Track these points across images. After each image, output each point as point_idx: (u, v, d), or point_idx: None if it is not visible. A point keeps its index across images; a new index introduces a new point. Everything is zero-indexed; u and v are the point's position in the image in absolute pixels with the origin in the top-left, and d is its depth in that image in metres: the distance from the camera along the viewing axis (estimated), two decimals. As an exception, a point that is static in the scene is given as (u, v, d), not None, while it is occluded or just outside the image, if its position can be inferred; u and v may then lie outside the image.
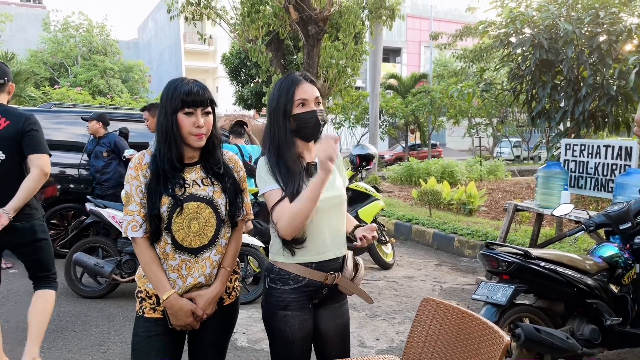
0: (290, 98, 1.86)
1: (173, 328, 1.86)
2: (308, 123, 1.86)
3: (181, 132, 1.79)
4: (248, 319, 4.23)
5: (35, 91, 17.40)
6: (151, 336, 1.84)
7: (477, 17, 11.15)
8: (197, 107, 1.79)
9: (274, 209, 1.81)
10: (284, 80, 1.92)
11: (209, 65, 35.54)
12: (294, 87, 1.87)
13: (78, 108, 7.99)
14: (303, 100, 1.86)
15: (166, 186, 1.79)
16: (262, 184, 1.87)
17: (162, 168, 1.80)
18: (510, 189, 11.58)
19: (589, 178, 4.76)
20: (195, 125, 1.78)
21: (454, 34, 12.55)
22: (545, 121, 6.19)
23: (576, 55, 5.55)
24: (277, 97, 1.89)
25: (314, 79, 1.94)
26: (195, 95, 1.78)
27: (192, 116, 1.79)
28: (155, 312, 1.86)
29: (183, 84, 1.80)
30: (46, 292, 3.14)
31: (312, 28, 8.01)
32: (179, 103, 1.77)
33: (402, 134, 22.69)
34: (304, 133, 1.88)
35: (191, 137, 1.80)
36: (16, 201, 2.86)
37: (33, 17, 36.04)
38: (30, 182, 2.90)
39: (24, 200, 2.90)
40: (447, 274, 5.79)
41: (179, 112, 1.78)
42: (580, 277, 3.05)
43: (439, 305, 1.99)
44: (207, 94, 1.82)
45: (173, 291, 1.81)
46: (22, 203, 2.90)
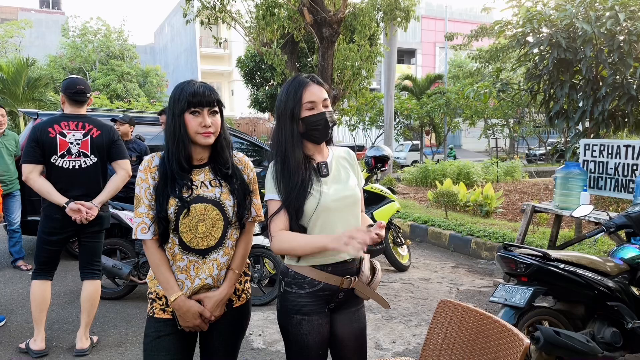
0: (298, 101, 1.83)
1: (182, 329, 1.87)
2: (317, 125, 1.84)
3: (188, 132, 1.80)
4: (264, 320, 4.24)
5: (55, 96, 17.72)
6: (161, 336, 1.86)
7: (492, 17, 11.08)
8: (203, 107, 1.80)
9: (270, 223, 1.84)
10: (291, 83, 1.89)
11: (225, 68, 35.79)
12: (301, 89, 1.84)
13: (97, 112, 8.12)
14: (311, 103, 1.84)
15: (173, 188, 1.80)
16: (268, 191, 1.88)
17: (169, 170, 1.82)
18: (527, 191, 11.44)
19: (608, 179, 4.68)
20: (202, 124, 1.79)
21: (469, 34, 12.46)
22: (563, 121, 6.11)
23: (595, 55, 5.47)
24: (284, 101, 1.87)
25: (321, 81, 1.92)
26: (201, 96, 1.79)
27: (199, 116, 1.80)
28: (164, 313, 1.88)
29: (189, 86, 1.82)
30: (95, 282, 3.63)
31: (327, 30, 8.01)
32: (185, 104, 1.79)
33: (417, 135, 22.58)
34: (314, 136, 1.87)
35: (198, 136, 1.80)
36: (104, 196, 3.48)
37: (52, 23, 36.68)
38: (117, 181, 3.53)
39: (110, 196, 3.52)
40: (463, 276, 5.74)
41: (186, 112, 1.79)
42: (601, 280, 3.00)
43: (457, 307, 1.97)
44: (213, 94, 1.83)
45: (181, 293, 1.82)
46: (109, 197, 3.52)
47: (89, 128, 3.45)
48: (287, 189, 1.82)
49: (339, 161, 1.97)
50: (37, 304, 3.47)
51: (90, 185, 3.45)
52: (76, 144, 3.39)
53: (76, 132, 3.41)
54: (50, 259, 3.49)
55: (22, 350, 3.56)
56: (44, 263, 3.48)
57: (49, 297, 3.54)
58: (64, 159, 3.36)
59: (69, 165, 3.38)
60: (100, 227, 3.56)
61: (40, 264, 3.49)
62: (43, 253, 3.46)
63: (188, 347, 1.93)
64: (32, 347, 3.51)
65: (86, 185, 3.43)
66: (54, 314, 4.33)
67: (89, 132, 3.44)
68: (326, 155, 1.96)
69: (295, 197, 1.81)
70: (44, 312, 3.50)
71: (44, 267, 3.49)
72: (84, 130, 3.43)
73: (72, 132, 3.39)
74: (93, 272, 3.65)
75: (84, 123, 3.44)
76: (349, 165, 2.00)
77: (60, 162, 3.36)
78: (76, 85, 3.43)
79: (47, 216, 3.40)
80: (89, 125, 3.45)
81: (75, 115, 3.45)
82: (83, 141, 3.41)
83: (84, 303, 3.59)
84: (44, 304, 3.48)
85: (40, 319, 3.50)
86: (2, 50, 28.43)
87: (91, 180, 3.46)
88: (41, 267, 3.49)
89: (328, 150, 1.99)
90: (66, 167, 3.37)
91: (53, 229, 3.41)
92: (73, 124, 3.41)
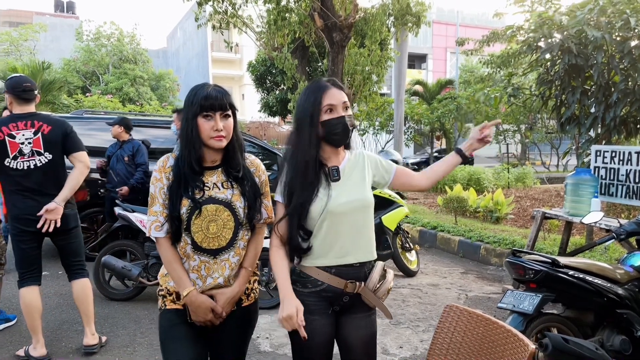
0: (317, 104, 1.84)
1: (193, 322, 1.91)
2: (336, 129, 1.85)
3: (201, 135, 1.83)
4: (271, 323, 4.25)
5: (68, 99, 17.93)
6: (174, 324, 1.90)
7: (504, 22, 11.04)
8: (215, 111, 1.82)
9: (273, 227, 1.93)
10: (311, 86, 1.91)
11: (236, 72, 35.96)
12: (321, 93, 1.85)
13: (108, 115, 8.21)
14: (331, 106, 1.85)
15: (186, 189, 1.84)
16: (277, 191, 1.93)
17: (183, 171, 1.85)
18: (539, 197, 11.35)
19: (620, 185, 4.64)
20: (214, 128, 1.82)
21: (480, 39, 12.41)
22: (575, 127, 6.07)
23: (607, 61, 5.43)
24: (304, 104, 1.88)
25: (341, 84, 1.93)
26: (213, 100, 1.82)
27: (211, 120, 1.82)
28: (176, 304, 1.92)
29: (203, 89, 1.85)
30: (82, 281, 3.61)
31: (337, 35, 8.03)
32: (198, 107, 1.82)
33: (428, 140, 22.50)
34: (333, 139, 1.88)
35: (211, 139, 1.83)
36: (66, 192, 3.38)
37: (67, 27, 37.10)
38: (76, 175, 3.43)
39: (71, 192, 3.42)
40: (472, 282, 5.71)
41: (198, 116, 1.82)
42: (611, 287, 2.97)
43: (463, 312, 1.97)
44: (226, 98, 1.85)
45: (193, 287, 1.86)
46: (70, 194, 3.42)
47: (39, 125, 3.35)
48: (295, 191, 1.84)
49: (353, 165, 1.98)
50: (29, 312, 3.40)
51: (47, 183, 3.36)
52: (27, 143, 3.31)
53: (25, 131, 3.31)
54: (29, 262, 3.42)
55: (22, 358, 3.50)
56: (24, 267, 3.42)
57: (40, 303, 3.46)
58: (17, 160, 3.28)
59: (23, 166, 3.30)
60: (66, 227, 3.44)
61: (21, 269, 3.43)
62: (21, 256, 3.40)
63: (200, 337, 1.94)
64: (33, 355, 3.45)
65: (44, 184, 3.34)
66: (64, 315, 4.38)
67: (39, 129, 3.34)
68: (342, 159, 1.96)
69: (301, 200, 1.82)
70: (38, 319, 3.44)
71: (26, 271, 3.42)
72: (34, 128, 3.33)
73: (22, 132, 3.30)
74: (77, 272, 3.61)
75: (33, 121, 3.35)
76: (366, 167, 2.00)
77: (14, 164, 3.28)
78: (22, 83, 3.36)
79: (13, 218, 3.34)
80: (39, 123, 3.36)
81: (23, 115, 3.35)
82: (34, 139, 3.32)
83: (77, 304, 3.61)
84: (36, 311, 3.42)
85: (35, 327, 3.44)
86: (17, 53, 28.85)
87: (49, 178, 3.37)
88: (23, 272, 3.42)
89: (345, 154, 1.99)
90: (21, 168, 3.29)
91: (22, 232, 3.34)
92: (22, 123, 3.32)
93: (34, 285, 3.44)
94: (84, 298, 3.59)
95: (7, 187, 3.36)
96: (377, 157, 2.06)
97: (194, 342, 1.90)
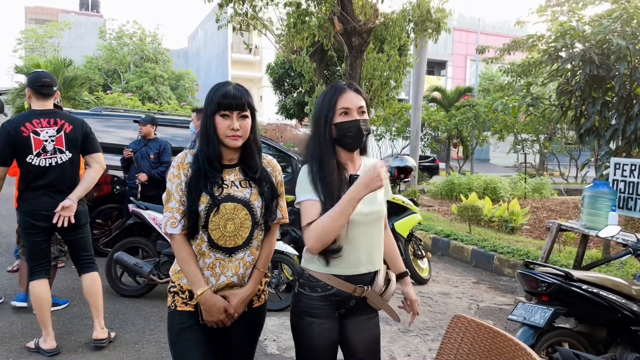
0: (332, 106, 1.86)
1: (204, 324, 1.89)
2: (349, 132, 1.85)
3: (217, 133, 1.83)
4: (279, 326, 4.24)
5: (89, 96, 18.20)
6: (186, 328, 1.89)
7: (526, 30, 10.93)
8: (232, 110, 1.82)
9: (309, 226, 1.78)
10: (329, 88, 1.92)
11: (254, 74, 36.19)
12: (337, 95, 1.86)
13: (128, 113, 8.31)
14: (346, 109, 1.85)
15: (205, 185, 1.83)
16: (301, 192, 1.85)
17: (203, 167, 1.84)
18: (555, 208, 11.19)
19: (638, 199, 4.54)
20: (230, 127, 1.82)
21: (501, 47, 12.31)
22: (594, 139, 5.97)
23: (629, 72, 5.34)
24: (320, 105, 1.90)
25: (359, 88, 1.93)
26: (231, 99, 1.82)
27: (228, 119, 1.82)
28: (187, 306, 1.90)
29: (223, 87, 1.85)
30: (91, 275, 3.66)
31: (356, 39, 8.04)
32: (216, 105, 1.82)
33: (445, 147, 22.36)
34: (346, 142, 1.87)
35: (227, 138, 1.83)
36: (81, 190, 3.44)
37: (91, 25, 37.72)
38: (92, 175, 3.51)
39: (85, 191, 3.48)
40: (484, 292, 5.64)
41: (216, 114, 1.83)
42: (625, 303, 2.90)
43: (471, 324, 1.94)
44: (245, 98, 1.84)
45: (207, 287, 1.85)
46: (85, 192, 3.48)
47: (62, 123, 3.41)
48: (327, 186, 1.81)
49: None
50: (39, 304, 3.44)
51: (65, 180, 3.42)
52: (50, 141, 3.37)
53: (49, 128, 3.36)
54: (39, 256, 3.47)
55: (32, 350, 3.54)
56: (34, 260, 3.47)
57: (49, 296, 3.52)
58: (40, 157, 3.34)
59: (46, 163, 3.35)
60: (78, 223, 3.49)
61: (31, 262, 3.48)
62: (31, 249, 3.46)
63: (211, 339, 1.94)
64: (43, 347, 3.49)
65: (62, 181, 3.40)
66: (75, 309, 4.42)
67: (61, 127, 3.40)
68: (358, 166, 1.96)
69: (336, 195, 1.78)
70: (48, 311, 3.48)
71: (36, 265, 3.47)
72: (57, 126, 3.39)
73: (46, 130, 3.35)
74: (86, 266, 3.65)
75: (56, 119, 3.40)
76: None
77: (37, 160, 3.33)
78: (42, 78, 3.40)
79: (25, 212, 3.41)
80: (61, 121, 3.42)
81: (45, 112, 3.41)
82: (57, 137, 3.38)
83: (87, 297, 3.65)
84: (46, 304, 3.46)
85: (45, 320, 3.47)
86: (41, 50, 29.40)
87: (67, 176, 3.44)
88: (33, 265, 3.47)
89: (361, 161, 1.99)
90: (42, 165, 3.35)
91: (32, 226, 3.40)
92: (45, 120, 3.36)
93: (44, 278, 3.49)
94: (94, 292, 3.63)
95: (23, 181, 3.40)
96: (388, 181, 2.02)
97: (206, 346, 1.89)
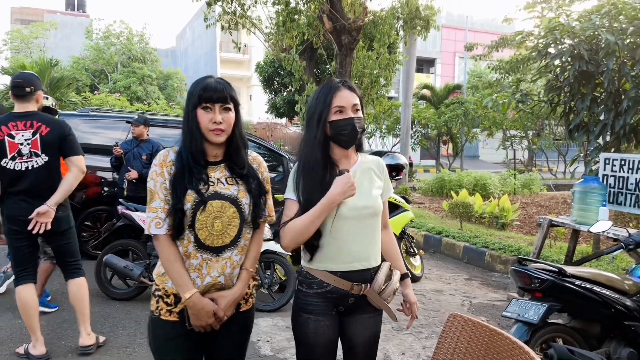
0: (327, 105, 1.85)
1: (191, 330, 1.83)
2: (344, 130, 1.85)
3: (200, 127, 1.78)
4: (273, 327, 4.20)
5: (76, 96, 17.98)
6: (170, 339, 1.84)
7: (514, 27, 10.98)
8: (214, 103, 1.77)
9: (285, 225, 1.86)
10: (324, 86, 1.92)
11: (244, 73, 36.04)
12: (332, 93, 1.86)
13: (117, 113, 8.21)
14: (340, 107, 1.85)
15: (191, 181, 1.77)
16: (287, 190, 1.91)
17: (187, 163, 1.79)
18: (545, 204, 11.26)
19: (629, 194, 4.57)
20: (212, 120, 1.76)
21: (489, 44, 12.36)
22: (583, 135, 6.01)
23: (618, 67, 5.37)
24: (314, 104, 1.90)
25: (353, 86, 1.92)
26: (212, 91, 1.77)
27: (210, 112, 1.77)
28: (171, 315, 1.83)
29: (204, 80, 1.80)
30: (78, 280, 3.59)
31: (345, 37, 8.01)
32: (197, 98, 1.77)
33: (435, 144, 22.43)
34: (340, 140, 1.88)
35: (209, 132, 1.78)
36: (59, 196, 3.31)
37: (77, 25, 37.31)
38: (70, 179, 3.36)
39: (65, 195, 3.36)
40: (477, 289, 5.65)
41: (198, 107, 1.77)
42: (618, 298, 2.91)
43: (467, 322, 1.92)
44: (227, 90, 1.79)
45: (195, 290, 1.78)
46: (64, 197, 3.36)
47: (38, 126, 3.30)
48: (306, 188, 1.84)
49: (365, 170, 1.97)
50: (26, 310, 3.35)
51: (42, 185, 3.32)
52: (26, 144, 3.27)
53: (25, 131, 3.27)
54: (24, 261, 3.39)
55: (22, 356, 3.47)
56: (19, 265, 3.39)
57: (36, 301, 3.44)
58: (15, 161, 3.25)
59: (21, 167, 3.26)
60: (58, 229, 3.40)
61: (16, 267, 3.41)
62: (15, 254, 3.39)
63: (198, 348, 1.91)
64: (33, 353, 3.42)
65: (38, 186, 3.30)
66: (64, 313, 4.36)
67: (37, 130, 3.29)
68: (353, 162, 1.96)
69: (313, 197, 1.81)
70: (35, 316, 3.40)
71: (21, 270, 3.39)
72: (33, 128, 3.28)
73: (21, 133, 3.26)
74: (73, 272, 3.58)
75: (32, 121, 3.30)
76: (376, 175, 1.99)
77: (12, 164, 3.25)
78: (15, 79, 3.31)
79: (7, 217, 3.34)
80: (37, 123, 3.31)
81: (23, 114, 3.31)
82: (33, 140, 3.28)
83: (72, 303, 3.57)
84: (32, 309, 3.38)
85: (33, 325, 3.40)
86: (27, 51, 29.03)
87: (43, 180, 3.33)
88: (19, 270, 3.40)
89: (357, 157, 1.99)
90: (18, 169, 3.26)
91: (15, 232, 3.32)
92: (21, 123, 3.27)
93: (30, 283, 3.41)
94: (80, 297, 3.56)
95: (2, 186, 3.33)
96: (388, 175, 2.06)
97: (192, 356, 1.87)
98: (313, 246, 1.87)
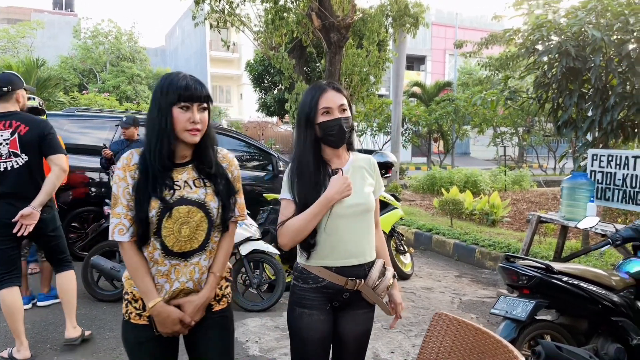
0: (314, 106, 1.90)
1: (160, 334, 1.81)
2: (332, 130, 1.89)
3: (175, 127, 1.72)
4: (261, 327, 4.17)
5: (64, 96, 17.82)
6: (141, 342, 1.82)
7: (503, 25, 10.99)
8: (193, 102, 1.73)
9: (283, 224, 1.90)
10: (310, 89, 1.97)
11: (234, 72, 35.89)
12: (318, 95, 1.91)
13: (105, 113, 8.14)
14: (327, 109, 1.89)
15: (155, 188, 1.71)
16: (282, 190, 1.95)
17: (151, 167, 1.72)
18: (535, 200, 11.31)
19: (616, 190, 4.59)
20: (191, 120, 1.72)
21: (479, 42, 12.40)
22: (571, 131, 6.02)
23: (605, 63, 5.38)
24: (302, 106, 1.95)
25: (340, 87, 1.97)
26: (192, 90, 1.72)
27: (188, 111, 1.72)
28: (140, 319, 1.81)
29: (179, 78, 1.74)
30: (67, 273, 3.64)
31: (335, 35, 7.97)
32: (175, 97, 1.70)
33: (425, 142, 22.48)
34: (329, 140, 1.92)
35: (185, 132, 1.73)
36: (42, 196, 3.29)
37: (64, 25, 36.95)
38: (52, 179, 3.32)
39: (48, 196, 3.33)
40: (467, 286, 5.65)
41: (175, 106, 1.71)
42: (605, 294, 2.91)
43: (452, 321, 1.91)
44: (204, 89, 1.77)
45: (159, 299, 1.74)
46: (47, 198, 3.33)
47: (16, 125, 3.27)
48: (301, 189, 1.89)
49: (357, 169, 2.01)
50: (10, 313, 3.29)
51: (24, 185, 3.28)
52: (5, 144, 3.24)
53: (3, 131, 3.25)
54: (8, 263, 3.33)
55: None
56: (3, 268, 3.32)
57: (21, 304, 3.37)
58: None
59: (0, 168, 3.23)
60: (44, 231, 3.40)
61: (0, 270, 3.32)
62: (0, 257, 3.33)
63: (171, 349, 1.89)
64: (17, 357, 3.38)
65: (20, 186, 3.27)
66: (50, 316, 4.30)
67: (16, 129, 3.26)
68: (345, 161, 2.00)
69: (308, 197, 1.86)
70: (20, 320, 3.35)
71: (5, 273, 3.33)
72: (11, 128, 3.26)
73: (0, 133, 3.25)
74: (61, 265, 3.63)
75: (11, 121, 3.28)
76: (367, 173, 2.03)
77: None
78: None
79: None
80: (16, 123, 3.28)
81: (2, 114, 3.29)
82: (11, 140, 3.25)
83: (60, 295, 3.62)
84: (17, 312, 3.32)
85: (18, 329, 3.35)
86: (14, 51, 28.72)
87: (25, 180, 3.29)
88: (3, 273, 3.33)
89: (348, 156, 2.03)
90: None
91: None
92: (0, 123, 3.26)
93: (14, 286, 3.34)
94: (68, 289, 3.59)
95: None
96: (379, 173, 2.11)
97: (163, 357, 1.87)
98: (309, 244, 1.90)
